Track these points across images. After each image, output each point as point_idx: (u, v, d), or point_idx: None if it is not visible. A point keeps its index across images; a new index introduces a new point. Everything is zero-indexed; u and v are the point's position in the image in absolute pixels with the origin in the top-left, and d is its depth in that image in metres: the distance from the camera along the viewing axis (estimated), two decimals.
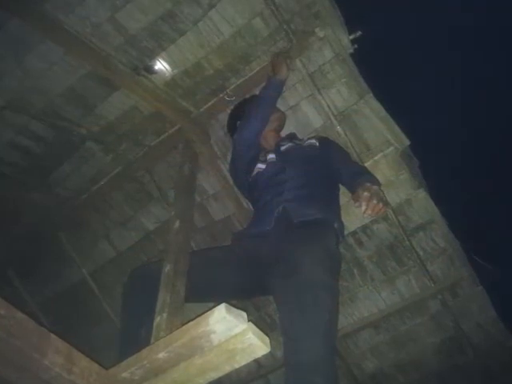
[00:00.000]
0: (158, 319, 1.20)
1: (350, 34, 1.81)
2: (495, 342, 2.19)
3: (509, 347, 2.18)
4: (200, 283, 1.46)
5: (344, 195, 1.80)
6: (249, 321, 0.90)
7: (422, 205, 2.01)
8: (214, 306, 0.89)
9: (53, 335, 0.88)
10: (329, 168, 1.71)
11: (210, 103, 2.07)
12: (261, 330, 0.92)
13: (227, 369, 0.94)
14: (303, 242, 1.37)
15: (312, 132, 2.04)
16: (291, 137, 1.92)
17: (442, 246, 2.06)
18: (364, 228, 2.11)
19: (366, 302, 2.24)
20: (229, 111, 2.04)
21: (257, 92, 1.96)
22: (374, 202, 1.30)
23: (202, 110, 2.09)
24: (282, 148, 1.79)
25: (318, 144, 1.79)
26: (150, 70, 1.82)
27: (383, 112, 1.90)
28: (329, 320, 1.19)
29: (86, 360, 0.93)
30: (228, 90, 2.02)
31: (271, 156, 1.77)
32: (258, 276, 1.42)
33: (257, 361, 2.33)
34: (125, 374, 0.95)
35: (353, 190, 1.47)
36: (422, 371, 2.33)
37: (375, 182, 1.49)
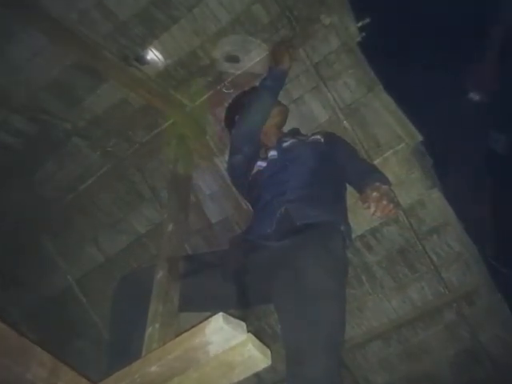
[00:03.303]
0: (149, 330, 1.20)
1: (357, 21, 1.81)
2: None
3: None
4: (195, 290, 1.46)
5: (351, 195, 1.79)
6: (248, 331, 0.90)
7: (435, 206, 2.01)
8: (211, 316, 0.89)
9: (36, 347, 0.88)
10: (335, 166, 1.71)
11: (206, 96, 2.07)
12: (261, 341, 0.91)
13: (225, 383, 0.94)
14: (307, 246, 1.37)
15: (317, 127, 2.04)
16: (294, 132, 1.92)
17: (457, 251, 2.06)
18: (373, 231, 2.11)
19: (376, 311, 2.24)
20: (226, 105, 2.04)
21: (257, 84, 1.96)
22: (384, 202, 1.30)
23: (197, 103, 2.08)
24: (284, 144, 1.79)
25: (323, 140, 1.79)
26: (141, 59, 1.82)
27: (393, 105, 1.90)
28: (334, 330, 1.19)
29: (72, 374, 0.93)
30: (226, 82, 2.02)
31: (272, 153, 1.77)
32: (258, 282, 1.42)
33: (257, 374, 2.33)
34: None
35: (361, 190, 1.47)
36: None
37: (385, 181, 1.49)
